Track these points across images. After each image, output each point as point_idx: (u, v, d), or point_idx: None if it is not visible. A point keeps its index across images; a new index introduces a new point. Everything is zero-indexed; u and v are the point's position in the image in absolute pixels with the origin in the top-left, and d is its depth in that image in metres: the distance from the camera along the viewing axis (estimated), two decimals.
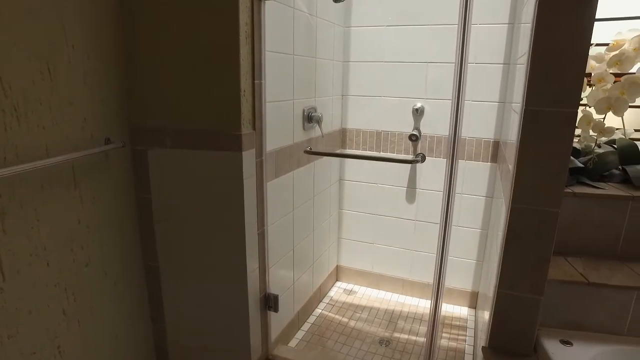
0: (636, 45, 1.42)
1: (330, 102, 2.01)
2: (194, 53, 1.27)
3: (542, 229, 1.12)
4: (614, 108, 1.35)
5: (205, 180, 1.35)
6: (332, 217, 2.25)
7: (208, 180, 1.35)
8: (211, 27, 1.23)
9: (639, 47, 1.41)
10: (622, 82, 1.36)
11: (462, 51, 1.16)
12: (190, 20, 1.25)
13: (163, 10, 1.27)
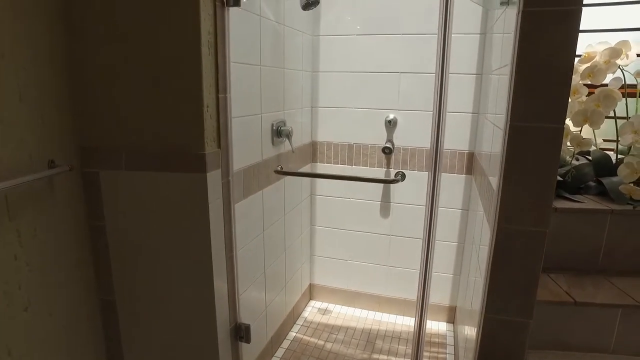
0: (606, 58, 1.41)
1: (300, 114, 1.92)
2: (152, 65, 1.14)
3: (530, 250, 1.06)
4: (591, 120, 1.33)
5: (166, 204, 1.22)
6: (304, 235, 2.15)
7: (169, 205, 1.22)
8: (170, 36, 1.11)
9: (609, 60, 1.40)
10: (596, 94, 1.34)
11: (442, 61, 1.11)
12: (147, 28, 1.12)
13: (115, 17, 1.13)
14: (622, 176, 1.31)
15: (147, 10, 1.11)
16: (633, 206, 1.31)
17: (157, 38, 1.12)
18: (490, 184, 1.28)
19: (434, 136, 1.18)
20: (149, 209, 1.24)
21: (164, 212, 1.23)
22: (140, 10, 1.11)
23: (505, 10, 1.19)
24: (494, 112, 1.50)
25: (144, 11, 1.11)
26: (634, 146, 1.32)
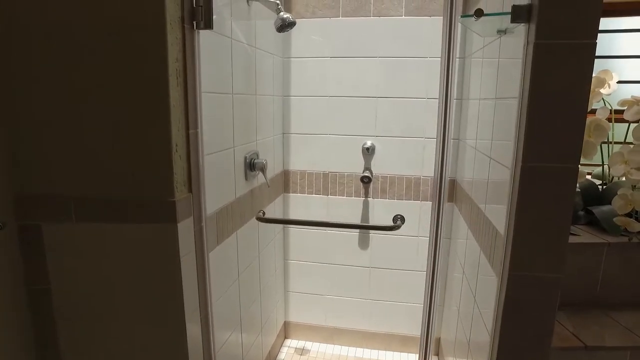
0: (592, 87, 1.39)
1: (272, 142, 1.77)
2: (109, 98, 0.96)
3: (545, 299, 0.98)
4: (584, 152, 1.29)
5: (128, 262, 1.03)
6: (278, 271, 1.98)
7: (133, 263, 1.03)
8: (131, 65, 0.94)
9: (594, 89, 1.38)
10: (587, 125, 1.30)
11: (446, 87, 1.01)
12: (103, 56, 0.94)
13: (62, 42, 0.95)
14: (616, 207, 1.27)
15: (103, 34, 0.93)
16: (629, 238, 1.27)
17: (115, 67, 0.94)
18: (487, 218, 1.20)
19: (437, 165, 1.08)
20: (108, 269, 1.04)
21: (126, 271, 1.03)
22: (94, 34, 0.93)
23: (500, 38, 1.12)
24: (475, 138, 1.44)
25: (102, 38, 0.93)
26: (626, 177, 1.29)
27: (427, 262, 1.15)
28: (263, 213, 1.53)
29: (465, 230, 1.54)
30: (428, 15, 1.69)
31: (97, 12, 0.92)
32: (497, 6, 1.13)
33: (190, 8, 1.02)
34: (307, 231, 1.99)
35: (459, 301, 1.61)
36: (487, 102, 1.28)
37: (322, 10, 1.77)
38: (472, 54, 1.56)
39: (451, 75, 0.99)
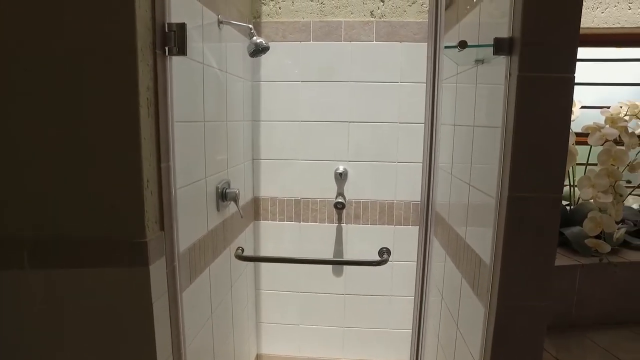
0: None
1: (242, 169, 1.70)
2: (74, 132, 0.87)
3: (534, 327, 0.97)
4: None
5: (91, 313, 0.92)
6: (250, 302, 1.89)
7: (97, 313, 0.92)
8: (98, 94, 0.86)
9: None
10: None
11: (432, 112, 1.00)
12: (67, 86, 0.86)
13: (19, 71, 0.85)
14: (587, 229, 1.31)
15: (65, 61, 0.85)
16: (600, 259, 1.31)
17: (80, 98, 0.86)
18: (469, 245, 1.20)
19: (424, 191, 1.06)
20: (69, 321, 0.93)
21: (90, 323, 0.93)
22: (56, 61, 0.85)
23: (477, 67, 1.13)
24: (451, 162, 1.45)
25: (62, 63, 0.85)
26: (594, 200, 1.34)
27: (415, 289, 1.12)
28: (242, 250, 1.45)
29: (442, 254, 1.53)
30: (399, 41, 1.70)
31: (58, 38, 0.84)
32: (472, 36, 1.15)
33: (162, 33, 0.96)
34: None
35: (438, 326, 1.59)
36: (463, 128, 1.29)
37: (292, 34, 1.74)
38: (443, 80, 1.58)
39: (437, 101, 0.98)
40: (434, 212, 1.07)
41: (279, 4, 1.76)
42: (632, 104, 1.53)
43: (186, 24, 0.96)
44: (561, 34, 0.85)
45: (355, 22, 1.73)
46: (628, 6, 1.71)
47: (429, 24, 0.93)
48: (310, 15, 1.75)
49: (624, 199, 1.41)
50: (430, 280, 1.72)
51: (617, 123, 1.43)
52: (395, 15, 1.72)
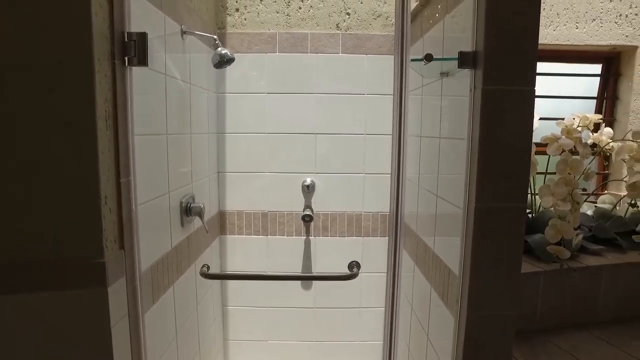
0: None
1: (207, 183, 1.65)
2: (26, 146, 0.81)
3: (502, 335, 0.99)
4: None
5: (43, 340, 0.85)
6: (216, 320, 1.83)
7: (49, 340, 0.85)
8: (52, 106, 0.80)
9: None
10: None
11: (399, 124, 1.00)
12: (17, 97, 0.80)
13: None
14: (548, 236, 1.35)
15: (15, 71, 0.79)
16: (560, 265, 1.35)
17: (32, 109, 0.80)
18: (437, 255, 1.21)
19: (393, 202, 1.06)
20: (18, 351, 0.85)
21: (41, 351, 0.86)
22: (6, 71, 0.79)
23: (442, 79, 1.16)
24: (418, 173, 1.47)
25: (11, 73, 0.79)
26: (554, 208, 1.38)
27: (385, 300, 1.11)
28: (207, 267, 1.39)
29: (411, 265, 1.54)
30: (365, 53, 1.72)
31: (7, 46, 0.78)
32: (437, 50, 1.18)
33: (122, 42, 0.91)
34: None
35: (408, 336, 1.59)
36: (430, 139, 1.31)
37: (258, 45, 1.73)
38: (410, 92, 1.61)
39: (404, 113, 0.99)
40: (403, 224, 1.07)
41: (244, 15, 1.74)
42: (583, 116, 1.61)
43: (147, 34, 0.92)
44: (521, 49, 0.88)
45: (321, 34, 1.73)
46: (575, 25, 1.81)
47: (395, 37, 0.94)
48: (276, 26, 1.74)
49: (580, 206, 1.47)
50: (400, 292, 1.73)
51: (572, 134, 1.49)
52: (361, 28, 1.74)
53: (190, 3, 1.41)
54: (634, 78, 1.87)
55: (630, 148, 1.52)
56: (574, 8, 1.80)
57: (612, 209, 1.74)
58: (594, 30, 1.81)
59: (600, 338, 1.31)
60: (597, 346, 1.26)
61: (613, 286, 1.41)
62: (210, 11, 1.67)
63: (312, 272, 1.86)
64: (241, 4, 1.74)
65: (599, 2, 1.80)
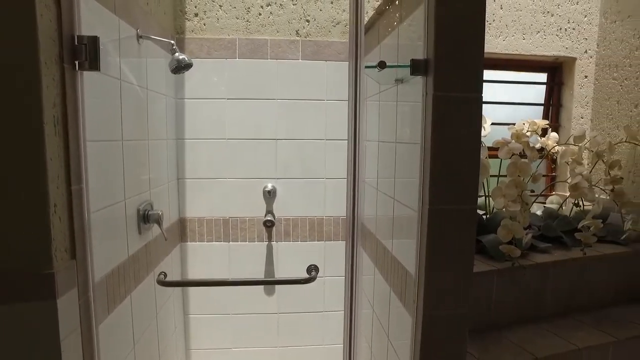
0: None
1: (166, 189, 1.62)
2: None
3: (457, 332, 1.02)
4: None
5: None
6: (178, 329, 1.79)
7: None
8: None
9: None
10: None
11: (354, 129, 1.02)
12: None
13: None
14: (500, 236, 1.41)
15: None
16: (512, 263, 1.42)
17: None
18: (396, 258, 1.24)
19: (349, 206, 1.08)
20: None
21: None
22: None
23: (397, 86, 1.19)
24: (376, 178, 1.50)
25: None
26: (505, 209, 1.45)
27: (344, 303, 1.13)
28: (164, 275, 1.36)
29: (372, 267, 1.57)
30: (324, 60, 1.75)
31: None
32: (392, 57, 1.21)
33: (71, 45, 0.89)
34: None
35: (370, 338, 1.62)
36: (387, 144, 1.34)
37: (217, 51, 1.72)
38: (367, 98, 1.65)
39: (358, 118, 1.01)
40: (359, 226, 1.09)
41: (204, 20, 1.73)
42: (531, 122, 1.70)
43: (99, 38, 0.90)
44: (469, 58, 0.93)
45: (281, 40, 1.75)
46: (522, 37, 1.92)
47: (349, 44, 0.96)
48: (236, 32, 1.74)
49: (529, 206, 1.55)
50: (362, 294, 1.76)
51: (521, 138, 1.58)
52: (321, 35, 1.76)
53: (147, 7, 1.38)
54: (574, 87, 2.00)
55: (572, 151, 1.62)
56: (521, 20, 1.90)
57: (559, 209, 1.84)
58: (539, 42, 1.93)
59: (548, 330, 1.38)
60: (544, 338, 1.33)
61: (559, 281, 1.49)
62: (169, 16, 1.65)
63: (274, 277, 1.86)
64: (200, 9, 1.73)
65: (542, 16, 1.92)
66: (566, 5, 1.93)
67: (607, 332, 1.37)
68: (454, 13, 0.92)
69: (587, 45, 1.97)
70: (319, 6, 1.76)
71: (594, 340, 1.31)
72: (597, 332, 1.37)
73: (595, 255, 1.53)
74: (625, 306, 1.58)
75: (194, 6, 1.72)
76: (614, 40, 1.89)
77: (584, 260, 1.51)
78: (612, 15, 1.90)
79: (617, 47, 1.87)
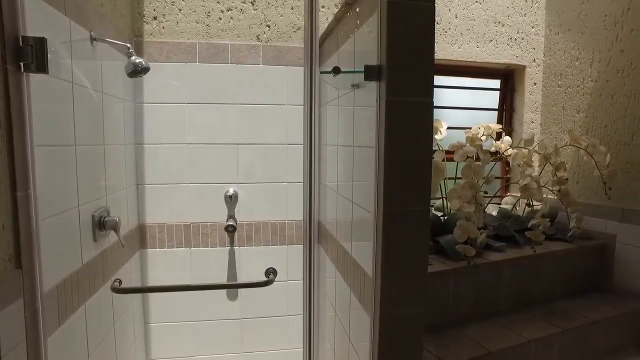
0: None
1: (124, 195, 1.58)
2: None
3: (413, 331, 1.05)
4: None
5: None
6: (138, 338, 1.74)
7: None
8: None
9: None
10: None
11: (310, 133, 1.04)
12: None
13: None
14: (456, 236, 1.46)
15: None
16: (468, 262, 1.47)
17: None
18: (354, 259, 1.26)
19: (306, 209, 1.10)
20: None
21: None
22: None
23: (354, 91, 1.22)
24: (336, 181, 1.52)
25: None
26: (461, 210, 1.51)
27: (303, 306, 1.14)
28: (119, 282, 1.33)
29: (333, 271, 1.59)
30: (285, 65, 1.76)
31: None
32: (349, 63, 1.24)
33: (15, 47, 0.86)
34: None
35: (333, 340, 1.63)
36: (345, 148, 1.37)
37: (177, 55, 1.70)
38: (327, 103, 1.67)
39: (314, 123, 1.03)
40: (317, 229, 1.11)
41: (163, 24, 1.71)
42: (486, 126, 1.78)
43: (46, 39, 0.88)
44: (420, 64, 0.97)
45: (242, 45, 1.75)
46: (476, 45, 2.00)
47: (304, 50, 0.98)
48: (196, 36, 1.73)
49: (484, 207, 1.61)
50: (324, 297, 1.77)
51: (476, 142, 1.64)
52: (281, 40, 1.78)
53: (102, 9, 1.36)
54: (525, 93, 2.10)
55: (523, 154, 1.70)
56: (474, 29, 1.98)
57: (512, 209, 1.93)
58: (492, 50, 2.02)
59: (502, 325, 1.44)
60: (498, 332, 1.39)
61: (512, 278, 1.56)
62: (126, 18, 1.62)
63: (237, 282, 1.84)
64: (159, 13, 1.71)
65: (494, 25, 2.01)
66: (515, 17, 2.03)
67: (554, 323, 1.45)
68: (406, 21, 0.95)
69: (535, 54, 2.08)
70: (279, 12, 1.77)
71: (542, 332, 1.38)
72: (546, 325, 1.44)
73: (544, 253, 1.61)
74: (572, 299, 1.67)
75: (152, 9, 1.70)
76: (558, 50, 2.00)
77: (534, 257, 1.59)
78: (556, 28, 2.02)
79: (561, 57, 1.99)
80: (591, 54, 1.83)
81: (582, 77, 1.88)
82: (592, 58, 1.83)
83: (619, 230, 1.70)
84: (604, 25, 1.77)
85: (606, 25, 1.76)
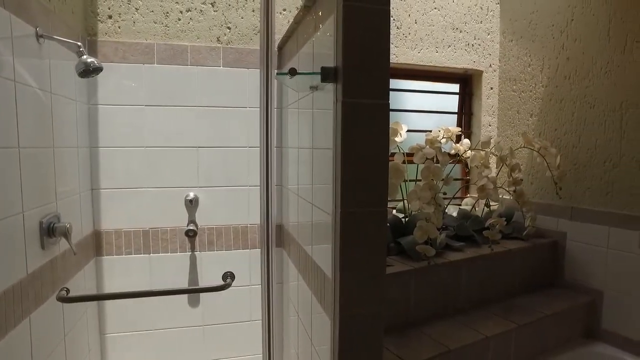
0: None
1: (77, 200, 1.52)
2: None
3: (372, 331, 1.06)
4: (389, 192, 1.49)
5: None
6: (93, 350, 1.66)
7: None
8: None
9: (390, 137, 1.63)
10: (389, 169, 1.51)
11: (266, 136, 1.03)
12: None
13: None
14: (416, 237, 1.49)
15: None
16: (428, 262, 1.49)
17: None
18: (315, 262, 1.26)
19: (263, 212, 1.08)
20: None
21: None
22: None
23: (312, 93, 1.22)
24: (297, 184, 1.52)
25: None
26: (420, 210, 1.53)
27: (262, 309, 1.12)
28: (67, 291, 1.27)
29: (296, 274, 1.58)
30: (246, 67, 1.75)
31: None
32: (308, 65, 1.24)
33: None
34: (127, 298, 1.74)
35: (297, 344, 1.62)
36: (305, 151, 1.36)
37: (134, 55, 1.65)
38: (288, 105, 1.67)
39: (270, 125, 1.02)
40: (274, 233, 1.10)
41: (118, 23, 1.66)
42: (446, 129, 1.82)
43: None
44: (375, 67, 0.98)
45: (201, 47, 1.72)
46: (435, 50, 2.05)
47: (260, 52, 0.97)
48: (154, 37, 1.69)
49: (443, 208, 1.65)
50: (288, 301, 1.76)
51: (434, 144, 1.68)
52: (242, 43, 1.76)
53: (49, 4, 1.30)
54: (482, 97, 2.17)
55: (480, 156, 1.75)
56: (433, 35, 2.04)
57: (471, 209, 1.98)
58: (450, 55, 2.08)
59: (462, 323, 1.48)
60: (458, 330, 1.42)
61: (471, 277, 1.60)
62: (78, 15, 1.56)
63: (198, 287, 1.80)
64: (115, 11, 1.65)
65: (452, 31, 2.07)
66: (472, 24, 2.10)
67: (511, 319, 1.49)
68: (361, 23, 0.96)
69: (491, 60, 2.15)
70: (240, 14, 1.76)
71: (499, 328, 1.43)
72: (503, 321, 1.49)
73: (501, 251, 1.67)
74: (528, 295, 1.73)
75: (107, 8, 1.64)
76: (512, 57, 2.09)
77: (492, 256, 1.64)
78: (509, 35, 2.10)
79: (515, 63, 2.07)
80: (542, 61, 1.92)
81: (534, 82, 1.96)
82: (542, 65, 1.91)
83: (569, 228, 1.78)
84: (551, 34, 1.86)
85: (553, 35, 1.85)
